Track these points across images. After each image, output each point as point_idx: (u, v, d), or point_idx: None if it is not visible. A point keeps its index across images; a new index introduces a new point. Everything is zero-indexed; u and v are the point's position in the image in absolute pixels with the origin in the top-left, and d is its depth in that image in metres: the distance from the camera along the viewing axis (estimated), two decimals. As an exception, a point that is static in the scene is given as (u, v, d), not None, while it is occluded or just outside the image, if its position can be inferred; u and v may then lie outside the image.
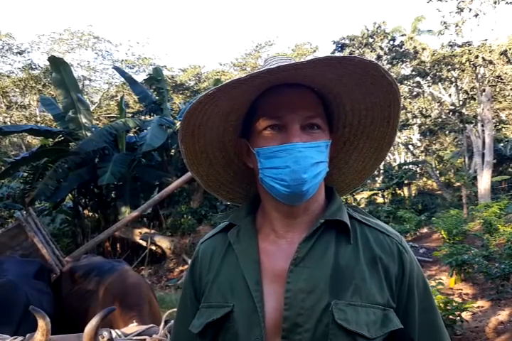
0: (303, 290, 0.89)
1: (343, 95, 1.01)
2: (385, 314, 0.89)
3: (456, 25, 13.79)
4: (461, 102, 15.29)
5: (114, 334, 2.11)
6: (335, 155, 1.06)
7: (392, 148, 1.30)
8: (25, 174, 11.13)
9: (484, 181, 13.62)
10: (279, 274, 0.93)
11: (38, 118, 20.88)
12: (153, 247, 10.48)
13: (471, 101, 15.40)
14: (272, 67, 0.85)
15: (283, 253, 0.95)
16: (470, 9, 13.34)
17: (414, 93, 16.52)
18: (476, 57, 12.61)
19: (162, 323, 2.16)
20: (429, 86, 15.79)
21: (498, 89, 15.67)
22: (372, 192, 17.84)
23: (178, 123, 11.11)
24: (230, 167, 1.08)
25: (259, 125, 0.95)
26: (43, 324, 1.90)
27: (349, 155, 1.10)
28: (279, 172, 0.91)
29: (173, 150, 12.20)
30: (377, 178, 19.54)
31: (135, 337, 2.14)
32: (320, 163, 0.93)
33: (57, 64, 10.52)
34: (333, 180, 1.10)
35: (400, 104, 1.00)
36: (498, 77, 13.38)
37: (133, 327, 2.25)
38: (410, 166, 18.68)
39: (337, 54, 16.76)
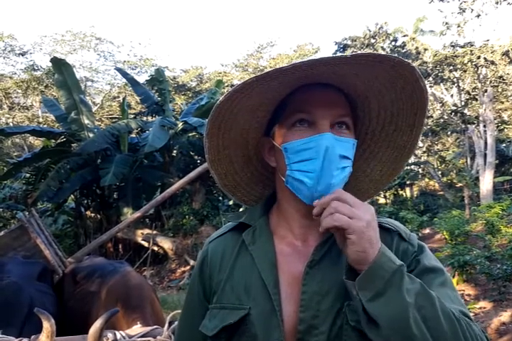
0: (318, 293, 0.89)
1: (371, 100, 1.00)
2: None
3: (458, 26, 13.77)
4: (463, 103, 15.29)
5: (118, 336, 2.12)
6: (354, 162, 1.03)
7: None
8: (28, 175, 11.17)
9: (486, 182, 13.60)
10: (295, 276, 0.93)
11: (41, 120, 20.90)
12: (155, 248, 10.49)
13: (473, 102, 15.37)
14: (315, 58, 0.84)
15: (300, 256, 0.95)
16: (472, 10, 13.31)
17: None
18: (478, 57, 12.59)
19: (166, 324, 2.16)
20: (431, 86, 15.76)
21: (500, 90, 15.63)
22: (374, 193, 17.75)
23: (180, 124, 11.13)
24: (247, 167, 1.07)
25: (288, 120, 0.94)
26: (47, 325, 1.91)
27: (368, 164, 1.08)
28: (309, 163, 0.90)
29: (174, 151, 12.22)
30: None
31: (139, 339, 2.15)
32: (347, 158, 0.93)
33: (59, 65, 10.54)
34: (347, 187, 1.06)
35: (426, 112, 0.99)
36: (500, 77, 13.35)
37: (137, 329, 2.26)
38: (412, 167, 18.62)
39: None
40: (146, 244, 10.34)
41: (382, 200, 17.98)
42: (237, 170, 1.06)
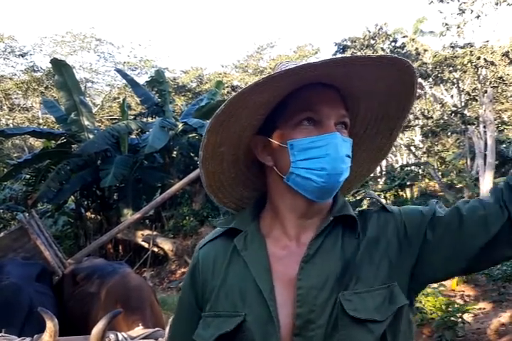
0: (314, 287, 0.88)
1: (361, 102, 1.01)
2: (391, 292, 0.89)
3: (458, 27, 13.76)
4: (463, 103, 15.27)
5: (120, 337, 2.12)
6: None
7: (394, 149, 1.29)
8: (28, 176, 11.16)
9: (486, 182, 13.58)
10: (291, 278, 0.91)
11: (41, 121, 20.89)
12: (156, 249, 10.49)
13: (473, 103, 15.36)
14: (327, 58, 0.85)
15: (294, 256, 0.94)
16: (472, 10, 13.30)
17: (417, 94, 16.47)
18: (478, 58, 12.58)
19: (168, 327, 2.16)
20: (430, 87, 15.77)
21: (500, 91, 15.60)
22: (374, 194, 17.77)
23: (180, 125, 11.13)
24: (234, 167, 1.05)
25: (294, 118, 0.94)
26: (51, 325, 1.91)
27: None
28: (318, 161, 0.90)
29: (175, 152, 12.22)
30: (379, 180, 19.52)
31: (141, 341, 2.15)
32: (349, 157, 0.94)
33: (59, 66, 10.56)
34: None
35: (407, 117, 1.01)
36: (500, 78, 13.34)
37: (138, 331, 2.26)
38: (412, 167, 18.59)
39: (338, 55, 16.78)
40: (146, 245, 10.33)
41: (382, 201, 17.90)
42: (224, 170, 1.04)
